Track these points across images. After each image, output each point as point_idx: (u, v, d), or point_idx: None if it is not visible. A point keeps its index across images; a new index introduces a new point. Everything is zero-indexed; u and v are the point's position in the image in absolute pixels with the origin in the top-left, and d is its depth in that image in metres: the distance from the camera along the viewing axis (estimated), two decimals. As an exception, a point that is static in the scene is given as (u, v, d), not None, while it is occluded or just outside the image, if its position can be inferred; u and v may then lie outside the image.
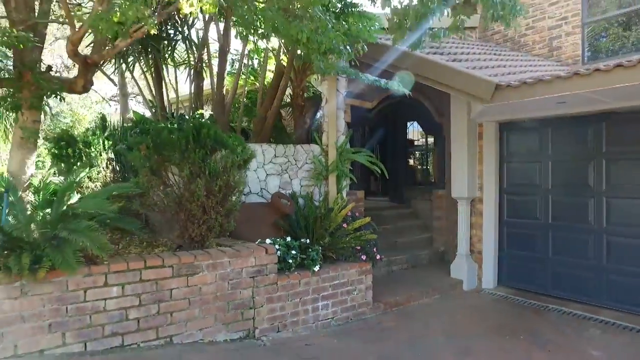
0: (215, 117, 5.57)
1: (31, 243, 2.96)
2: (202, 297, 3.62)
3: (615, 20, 6.42)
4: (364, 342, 4.12)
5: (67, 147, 4.23)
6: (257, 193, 5.18)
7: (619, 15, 6.36)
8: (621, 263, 4.86)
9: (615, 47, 6.41)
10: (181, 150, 3.46)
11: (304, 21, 2.96)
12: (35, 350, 2.95)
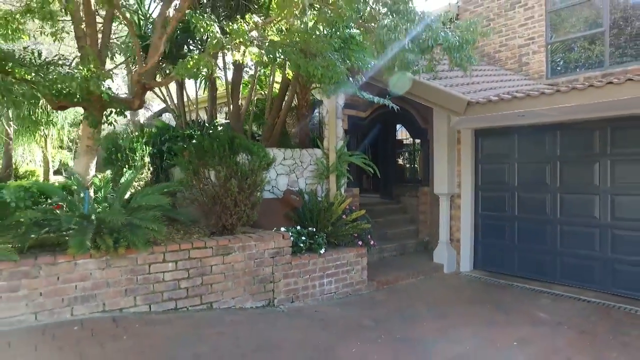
0: (232, 125, 6.59)
1: (110, 228, 3.96)
2: (234, 272, 4.66)
3: (573, 42, 7.58)
4: (361, 310, 5.20)
5: (116, 152, 5.22)
6: (269, 190, 6.20)
7: (576, 38, 7.51)
8: (571, 247, 6.02)
9: (573, 64, 7.57)
10: (220, 156, 4.49)
11: (317, 59, 3.99)
12: (116, 309, 3.96)
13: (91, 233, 3.73)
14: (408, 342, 4.20)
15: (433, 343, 4.19)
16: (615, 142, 5.56)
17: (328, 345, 4.01)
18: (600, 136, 5.68)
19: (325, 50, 3.73)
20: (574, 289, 5.84)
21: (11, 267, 3.50)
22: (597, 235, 5.75)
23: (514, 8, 8.00)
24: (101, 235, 3.86)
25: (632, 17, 6.91)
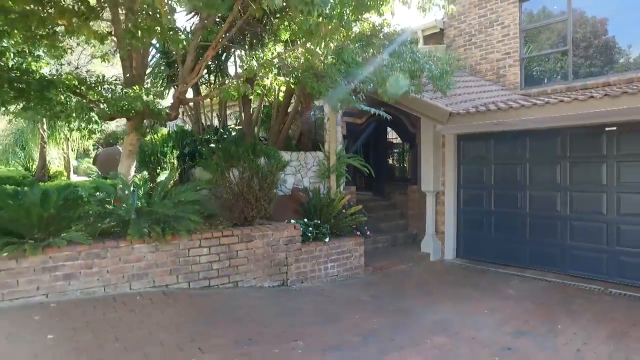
0: (244, 130, 7.56)
1: (158, 218, 4.92)
2: (255, 257, 5.66)
3: (543, 58, 8.71)
4: (359, 289, 6.24)
5: (150, 156, 6.15)
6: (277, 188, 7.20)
7: (545, 54, 8.65)
8: (538, 237, 7.14)
9: (543, 77, 8.71)
10: (245, 159, 5.48)
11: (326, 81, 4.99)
12: (164, 285, 4.93)
13: (146, 223, 4.70)
14: (401, 311, 5.25)
15: (421, 312, 5.25)
16: (574, 147, 6.68)
17: (336, 313, 5.04)
18: (561, 142, 6.80)
19: (334, 75, 4.73)
20: (539, 272, 6.96)
21: (86, 249, 4.45)
22: (558, 225, 6.88)
23: (492, 26, 9.10)
24: (152, 225, 4.82)
25: (592, 36, 8.05)
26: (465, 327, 4.62)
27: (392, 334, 4.33)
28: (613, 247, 6.27)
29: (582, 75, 7.99)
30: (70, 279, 4.38)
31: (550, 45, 8.57)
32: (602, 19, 8.12)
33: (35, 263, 4.19)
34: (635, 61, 7.51)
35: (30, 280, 4.17)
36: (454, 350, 3.99)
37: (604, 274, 6.34)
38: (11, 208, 4.22)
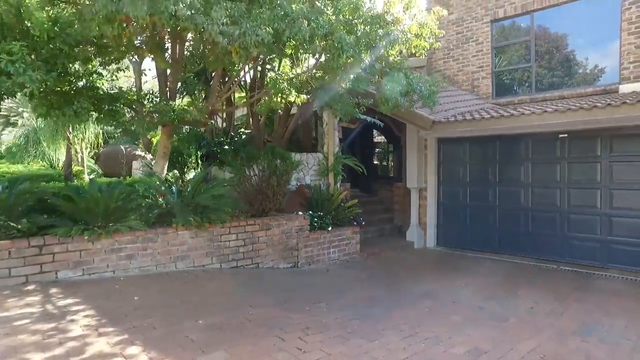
0: (253, 134, 8.67)
1: (196, 209, 6.01)
2: (272, 242, 6.82)
3: (510, 71, 10.16)
4: (357, 270, 7.48)
5: (178, 157, 7.20)
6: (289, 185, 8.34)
7: (513, 69, 10.09)
8: (506, 225, 8.55)
9: (511, 89, 10.16)
10: (265, 160, 6.62)
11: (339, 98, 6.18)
12: (201, 265, 6.04)
13: (190, 213, 5.79)
14: (395, 285, 6.52)
15: (411, 286, 6.53)
16: (535, 151, 8.11)
17: (343, 286, 6.27)
18: (524, 146, 8.22)
19: (347, 96, 5.92)
20: (507, 255, 8.38)
21: (142, 234, 5.52)
22: (522, 216, 8.31)
23: (468, 42, 10.50)
24: (193, 215, 5.92)
25: (553, 49, 9.53)
26: (447, 295, 5.93)
27: (391, 299, 5.60)
28: (564, 233, 7.73)
29: (545, 86, 9.45)
30: (131, 259, 5.45)
31: (518, 57, 10.00)
32: (563, 34, 9.59)
33: (106, 245, 5.24)
34: (587, 76, 9.00)
35: (102, 259, 5.22)
36: (439, 308, 5.28)
37: (557, 255, 7.79)
38: (83, 200, 5.24)
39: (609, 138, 7.17)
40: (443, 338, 4.18)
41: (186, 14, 3.60)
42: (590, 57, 9.02)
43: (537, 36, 9.61)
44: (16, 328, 3.59)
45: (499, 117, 7.26)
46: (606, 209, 7.26)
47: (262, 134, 8.85)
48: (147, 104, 5.42)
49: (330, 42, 4.20)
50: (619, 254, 7.12)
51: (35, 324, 3.69)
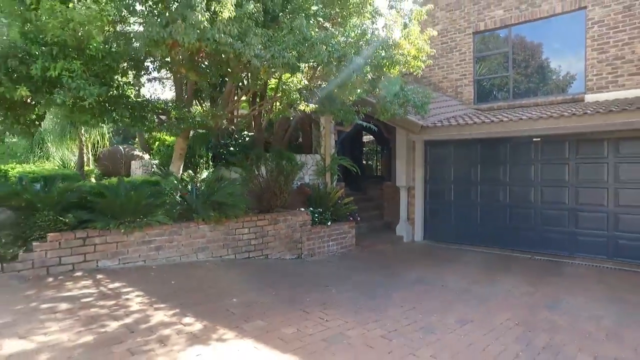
0: (256, 136, 9.41)
1: (213, 206, 6.75)
2: (279, 236, 7.61)
3: (490, 80, 11.19)
4: (355, 260, 8.34)
5: (191, 157, 7.90)
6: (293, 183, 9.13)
7: (492, 77, 11.12)
8: (487, 221, 9.55)
9: (491, 95, 11.18)
10: (273, 161, 7.40)
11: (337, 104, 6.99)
12: (219, 256, 6.79)
13: (210, 209, 6.54)
14: (390, 273, 7.40)
15: (404, 273, 7.42)
16: (514, 153, 9.11)
17: (345, 274, 7.11)
18: (503, 149, 9.22)
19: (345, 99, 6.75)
20: (488, 248, 9.37)
21: (169, 228, 6.24)
22: (501, 212, 9.31)
23: (452, 51, 11.48)
24: (211, 210, 6.66)
25: (529, 59, 10.58)
26: (436, 280, 6.84)
27: (389, 284, 6.47)
28: (538, 227, 8.76)
29: (522, 92, 10.50)
30: (159, 250, 6.16)
31: (497, 64, 11.03)
32: (538, 44, 10.65)
33: (138, 238, 5.95)
34: (559, 85, 10.08)
35: (135, 250, 5.92)
36: (430, 291, 6.18)
37: (531, 246, 8.81)
38: (118, 197, 5.93)
39: (576, 142, 8.22)
40: (436, 312, 5.07)
41: (227, 41, 4.36)
42: (561, 68, 10.11)
43: (515, 44, 10.65)
44: (85, 304, 4.30)
45: (480, 123, 8.23)
46: (573, 204, 8.31)
47: (263, 136, 9.61)
48: (173, 112, 6.13)
49: (343, 63, 5.02)
50: (584, 244, 8.17)
51: (98, 301, 4.41)
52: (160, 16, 4.56)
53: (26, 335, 3.54)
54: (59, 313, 4.05)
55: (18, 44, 4.29)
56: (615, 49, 8.90)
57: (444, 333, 4.36)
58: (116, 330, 3.78)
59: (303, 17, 5.07)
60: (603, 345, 4.17)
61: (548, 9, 9.93)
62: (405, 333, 4.30)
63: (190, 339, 3.74)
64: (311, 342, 3.89)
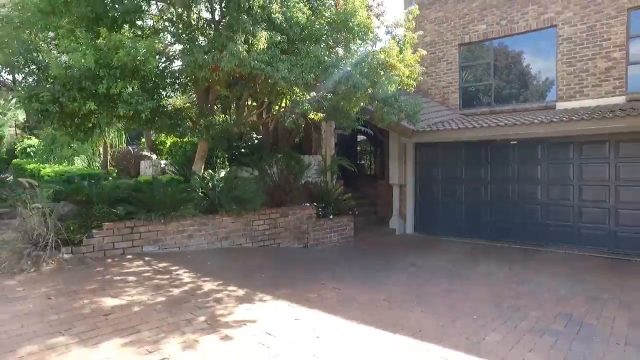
0: (264, 139, 10.57)
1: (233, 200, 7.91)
2: (289, 227, 8.80)
3: (475, 87, 12.51)
4: (355, 249, 9.57)
5: (209, 158, 9.04)
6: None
7: (477, 85, 12.45)
8: (472, 215, 10.85)
9: (475, 102, 12.50)
10: (284, 162, 8.58)
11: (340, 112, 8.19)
12: (238, 244, 7.95)
13: (233, 203, 7.71)
14: (386, 258, 8.64)
15: (398, 259, 8.67)
16: (495, 154, 10.42)
17: (348, 259, 8.33)
18: (484, 151, 10.53)
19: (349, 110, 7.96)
20: (472, 239, 10.67)
21: (198, 219, 7.39)
22: (483, 207, 10.62)
23: (440, 61, 12.78)
24: (233, 204, 7.82)
25: (511, 67, 11.92)
26: (426, 264, 8.10)
27: (387, 266, 7.72)
28: (515, 220, 10.08)
29: (502, 99, 11.83)
30: (190, 238, 7.31)
31: (482, 71, 12.34)
32: (517, 54, 11.99)
33: (174, 227, 7.09)
34: (534, 94, 11.42)
35: (171, 238, 7.07)
36: (421, 272, 7.43)
37: (509, 237, 10.13)
38: (157, 193, 7.05)
39: (547, 145, 9.56)
40: (427, 285, 6.33)
41: (260, 66, 5.52)
42: (537, 78, 11.46)
43: (497, 55, 11.97)
44: (147, 277, 5.46)
45: (464, 129, 9.52)
46: (544, 199, 9.66)
47: (270, 139, 10.79)
48: (202, 120, 7.26)
49: (350, 83, 6.21)
50: (554, 234, 9.52)
51: (156, 275, 5.57)
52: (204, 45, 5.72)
53: (116, 296, 4.69)
54: (130, 283, 5.20)
55: (91, 67, 5.40)
56: (581, 63, 10.27)
57: (431, 298, 5.62)
58: (180, 294, 4.95)
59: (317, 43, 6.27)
60: (552, 306, 5.45)
61: (525, 25, 11.27)
62: (401, 299, 5.54)
63: (238, 299, 4.93)
64: (329, 303, 5.11)
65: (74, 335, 3.69)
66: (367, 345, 3.89)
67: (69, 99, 5.64)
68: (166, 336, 3.79)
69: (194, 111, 7.41)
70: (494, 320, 4.79)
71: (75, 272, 5.47)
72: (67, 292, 4.71)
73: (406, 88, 7.40)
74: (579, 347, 4.11)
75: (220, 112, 9.50)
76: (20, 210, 5.70)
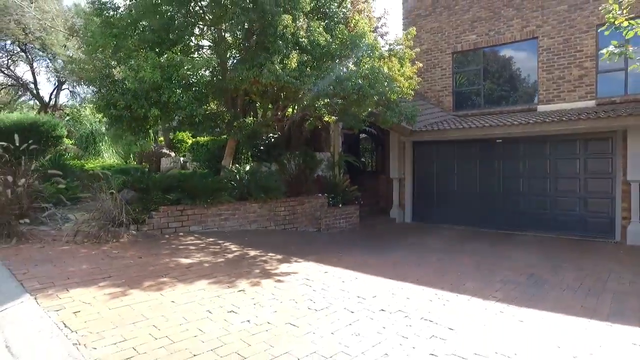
0: (279, 137, 12.16)
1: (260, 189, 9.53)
2: (305, 213, 10.43)
3: (466, 91, 14.16)
4: (361, 233, 11.21)
5: (236, 154, 10.63)
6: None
7: (468, 89, 14.11)
8: (464, 205, 12.51)
9: (466, 104, 14.16)
10: (300, 158, 10.20)
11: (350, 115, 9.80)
12: (264, 227, 9.58)
13: (261, 192, 9.33)
14: (388, 240, 10.29)
15: (399, 240, 10.33)
16: (482, 152, 12.09)
17: (354, 241, 9.98)
18: (473, 148, 12.19)
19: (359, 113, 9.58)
20: (463, 226, 12.33)
21: (232, 205, 9.01)
22: (472, 198, 12.29)
23: (435, 68, 14.43)
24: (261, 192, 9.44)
25: (500, 71, 13.59)
26: (423, 243, 9.76)
27: (390, 246, 9.37)
28: (500, 209, 11.76)
29: (491, 102, 13.50)
30: (226, 221, 8.93)
31: (474, 75, 14.01)
32: (504, 61, 13.66)
33: (213, 211, 8.70)
34: (518, 97, 13.09)
35: (211, 220, 8.68)
36: (419, 248, 9.09)
37: (496, 224, 11.80)
38: (200, 183, 8.65)
39: (527, 143, 11.24)
40: (424, 256, 8.00)
41: (291, 81, 7.11)
42: (521, 83, 13.14)
43: (486, 63, 13.64)
44: (203, 247, 7.08)
45: (455, 129, 11.18)
46: (525, 191, 11.34)
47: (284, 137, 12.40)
48: (236, 122, 8.87)
49: (360, 93, 7.82)
50: (532, 221, 11.20)
51: (210, 246, 7.19)
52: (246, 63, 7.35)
53: (187, 257, 6.32)
54: (193, 250, 6.82)
55: (157, 81, 6.99)
56: (558, 71, 11.95)
57: (427, 263, 7.29)
58: (234, 257, 6.58)
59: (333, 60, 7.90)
60: (521, 269, 7.11)
61: (510, 37, 12.93)
62: (403, 263, 7.21)
63: (279, 261, 6.57)
64: (348, 264, 6.74)
65: (172, 277, 5.30)
66: (379, 286, 5.53)
67: (139, 107, 7.25)
68: (236, 279, 5.42)
69: (227, 115, 9.01)
70: (473, 276, 6.45)
71: (146, 243, 7.08)
72: (150, 255, 6.32)
73: (405, 97, 9.04)
74: (531, 289, 5.78)
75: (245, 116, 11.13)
76: (99, 195, 7.28)
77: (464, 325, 4.24)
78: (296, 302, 4.70)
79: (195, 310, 4.29)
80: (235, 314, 4.25)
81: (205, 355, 3.37)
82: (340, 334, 3.90)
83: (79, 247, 6.48)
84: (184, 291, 4.83)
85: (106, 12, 8.27)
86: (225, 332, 3.82)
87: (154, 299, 4.51)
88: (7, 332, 3.68)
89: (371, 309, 4.60)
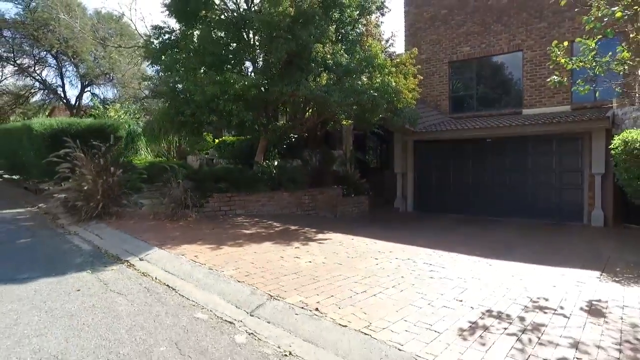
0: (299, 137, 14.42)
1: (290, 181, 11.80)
2: (324, 201, 12.72)
3: (461, 96, 16.45)
4: (370, 219, 13.50)
5: (266, 151, 12.92)
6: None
7: (464, 94, 16.40)
8: (458, 197, 14.82)
9: (462, 107, 16.46)
10: (321, 154, 12.47)
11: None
12: (292, 212, 11.85)
13: (290, 183, 11.60)
14: (393, 224, 12.58)
15: (403, 227, 12.62)
16: (475, 150, 14.38)
17: (365, 225, 12.27)
18: (466, 146, 14.49)
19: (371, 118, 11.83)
20: (460, 215, 14.63)
21: (268, 194, 11.30)
22: (466, 190, 14.60)
23: (434, 75, 16.73)
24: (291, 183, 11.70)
25: (489, 82, 15.89)
26: (423, 226, 12.06)
27: (396, 228, 11.66)
28: (489, 199, 14.07)
29: (484, 105, 15.81)
30: (263, 206, 11.20)
31: (468, 80, 16.30)
32: (495, 71, 15.97)
33: (253, 199, 10.98)
34: (507, 102, 15.39)
35: (252, 206, 10.95)
36: (419, 230, 11.38)
37: (486, 213, 14.11)
38: (241, 175, 10.90)
39: (512, 142, 13.55)
40: (423, 234, 10.31)
41: (322, 95, 9.36)
42: (509, 90, 15.45)
43: (479, 68, 15.94)
44: (254, 223, 9.36)
45: (450, 130, 13.48)
46: (511, 183, 13.65)
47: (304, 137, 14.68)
48: (270, 125, 11.11)
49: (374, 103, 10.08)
50: (518, 209, 13.51)
51: (258, 223, 9.46)
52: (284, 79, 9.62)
53: (246, 229, 8.58)
54: (247, 226, 9.09)
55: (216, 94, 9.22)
56: (540, 80, 14.25)
57: (425, 238, 9.60)
58: (280, 230, 8.86)
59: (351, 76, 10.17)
60: (499, 241, 9.40)
61: (499, 49, 15.24)
62: (406, 236, 9.52)
63: (315, 232, 8.87)
64: (365, 235, 9.03)
65: (244, 240, 7.58)
66: (393, 246, 7.83)
67: (202, 114, 9.51)
68: (289, 241, 7.71)
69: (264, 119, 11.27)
70: (462, 245, 8.76)
71: (210, 221, 9.35)
72: (219, 227, 8.59)
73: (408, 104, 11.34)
74: (504, 251, 8.11)
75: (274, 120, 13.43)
76: (170, 184, 9.54)
77: (452, 266, 6.56)
78: (337, 254, 7.01)
79: (271, 257, 6.58)
80: (298, 258, 6.55)
81: (292, 276, 5.65)
82: (370, 267, 6.21)
83: (163, 222, 8.76)
84: (257, 248, 7.12)
85: (162, 36, 10.56)
86: (297, 266, 6.12)
87: (241, 250, 6.81)
88: (161, 264, 5.96)
89: (389, 258, 6.91)
